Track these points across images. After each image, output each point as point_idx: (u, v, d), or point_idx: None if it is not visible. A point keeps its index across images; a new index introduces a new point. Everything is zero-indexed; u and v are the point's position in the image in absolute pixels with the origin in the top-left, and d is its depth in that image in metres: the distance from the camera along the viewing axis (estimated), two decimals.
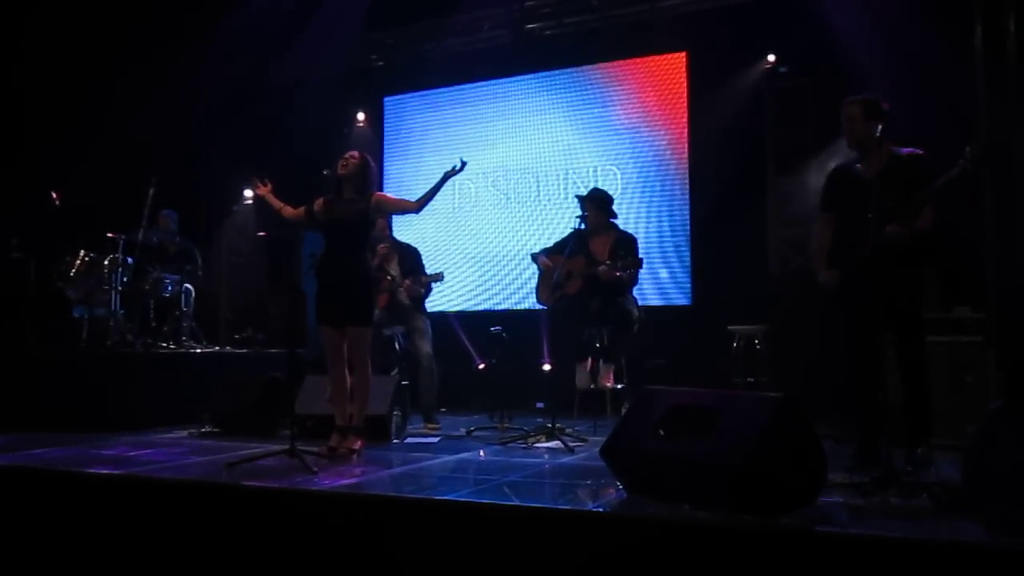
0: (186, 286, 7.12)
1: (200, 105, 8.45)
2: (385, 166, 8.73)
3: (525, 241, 7.88)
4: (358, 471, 4.04)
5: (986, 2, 5.22)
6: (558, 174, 8.01)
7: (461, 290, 8.24)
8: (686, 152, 7.50)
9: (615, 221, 5.85)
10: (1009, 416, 2.93)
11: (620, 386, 5.73)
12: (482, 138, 8.30)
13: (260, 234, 8.67)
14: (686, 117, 7.52)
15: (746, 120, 7.11)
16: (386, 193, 5.07)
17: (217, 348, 7.48)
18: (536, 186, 8.11)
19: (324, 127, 8.48)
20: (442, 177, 4.62)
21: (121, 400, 5.78)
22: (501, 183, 8.25)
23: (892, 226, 3.63)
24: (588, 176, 7.80)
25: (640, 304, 5.77)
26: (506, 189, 8.24)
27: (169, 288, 7.00)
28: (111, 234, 6.67)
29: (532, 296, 7.58)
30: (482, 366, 6.76)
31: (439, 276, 5.96)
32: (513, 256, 8.03)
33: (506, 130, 8.25)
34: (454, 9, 8.12)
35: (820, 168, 6.80)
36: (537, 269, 5.90)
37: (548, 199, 8.01)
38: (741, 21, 7.16)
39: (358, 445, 4.48)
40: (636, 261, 5.33)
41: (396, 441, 5.16)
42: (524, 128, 8.18)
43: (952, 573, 2.42)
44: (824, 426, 4.01)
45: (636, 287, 5.75)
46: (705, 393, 3.37)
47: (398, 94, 8.93)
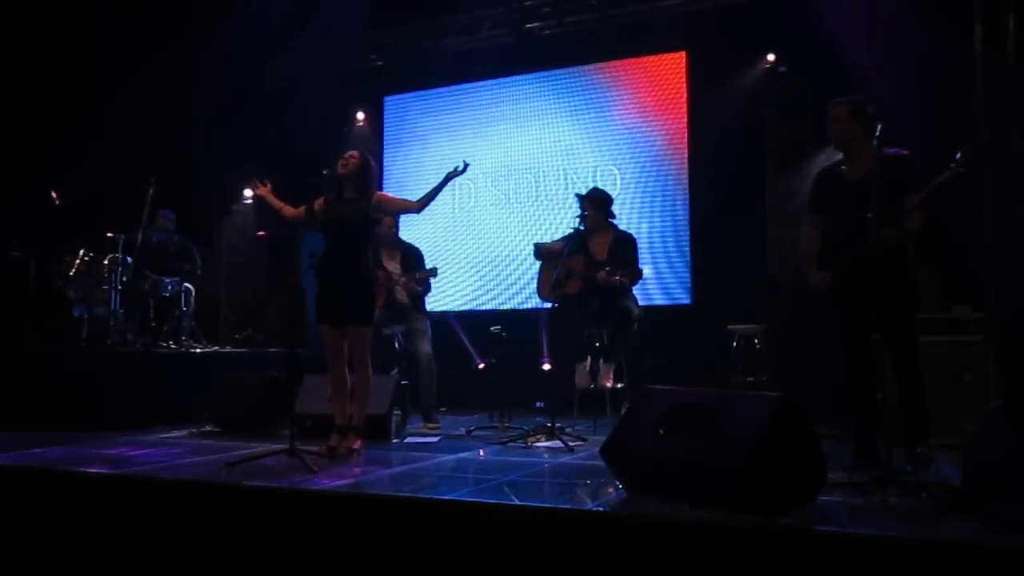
0: (186, 285, 7.11)
1: (200, 104, 8.45)
2: (385, 165, 8.73)
3: (525, 241, 7.88)
4: (358, 470, 4.04)
5: (986, 2, 5.23)
6: (558, 174, 8.01)
7: (461, 290, 8.24)
8: (686, 151, 7.50)
9: (614, 221, 5.85)
10: (1009, 415, 2.93)
11: (620, 385, 5.73)
12: (482, 138, 8.30)
13: (260, 233, 8.67)
14: (686, 116, 7.53)
15: (746, 119, 7.12)
16: (387, 193, 5.07)
17: (217, 348, 7.48)
18: (535, 186, 8.11)
19: (324, 126, 8.48)
20: (444, 178, 4.62)
21: (121, 399, 5.79)
22: (501, 183, 8.26)
23: (885, 229, 3.63)
24: (588, 176, 7.80)
25: (640, 303, 5.77)
26: (506, 189, 8.24)
27: (169, 287, 7.00)
28: (111, 233, 6.67)
29: (532, 296, 7.61)
30: (482, 365, 6.77)
31: (432, 272, 5.96)
32: (513, 256, 8.03)
33: (506, 130, 8.25)
34: (454, 9, 8.13)
35: (819, 167, 6.80)
36: (539, 263, 5.89)
37: (548, 199, 8.01)
38: (741, 21, 7.16)
39: (358, 444, 4.48)
40: (636, 271, 5.35)
41: (396, 441, 5.16)
42: (524, 128, 8.18)
43: (951, 573, 2.42)
44: (823, 426, 4.01)
45: (636, 287, 5.75)
46: (705, 393, 3.37)
47: (398, 93, 8.94)
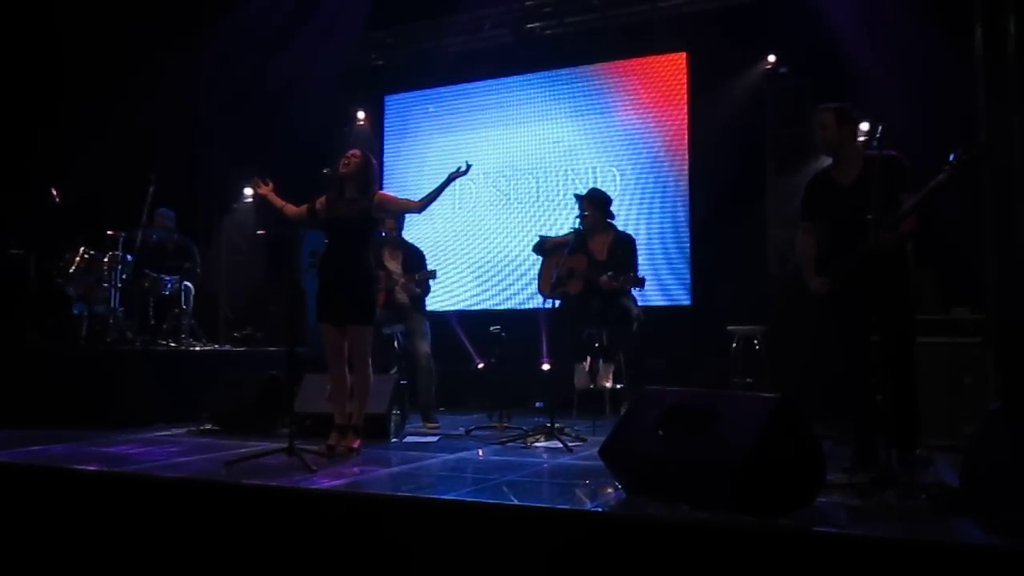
0: (185, 284, 7.12)
1: (200, 103, 8.45)
2: (385, 165, 8.73)
3: (525, 241, 7.87)
4: (356, 470, 4.04)
5: (986, 2, 5.22)
6: (558, 173, 8.01)
7: (460, 290, 8.24)
8: (686, 152, 7.50)
9: (613, 222, 5.85)
10: (1008, 417, 2.94)
11: (619, 386, 5.73)
12: (482, 137, 8.30)
13: (260, 232, 8.67)
14: (686, 117, 7.53)
15: (746, 120, 7.11)
16: (388, 192, 5.07)
17: (216, 346, 7.48)
18: (536, 185, 8.11)
19: (325, 126, 8.48)
20: (447, 179, 4.62)
21: (120, 397, 5.79)
22: (501, 183, 8.26)
23: (883, 232, 3.64)
24: (588, 176, 7.80)
25: (639, 304, 5.77)
26: (506, 189, 8.24)
27: (169, 286, 7.00)
28: (111, 231, 6.67)
29: (531, 297, 7.62)
30: (481, 365, 6.77)
31: (431, 273, 5.96)
32: (513, 256, 8.03)
33: (506, 130, 8.25)
34: (455, 8, 8.13)
35: (819, 168, 6.80)
36: (540, 260, 5.88)
37: (548, 199, 8.01)
38: (741, 21, 7.16)
39: (357, 444, 4.48)
40: (639, 280, 5.36)
41: (395, 440, 5.16)
42: (524, 128, 8.18)
43: (950, 574, 2.42)
44: (822, 427, 4.00)
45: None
46: (704, 393, 3.37)
47: (399, 93, 8.94)
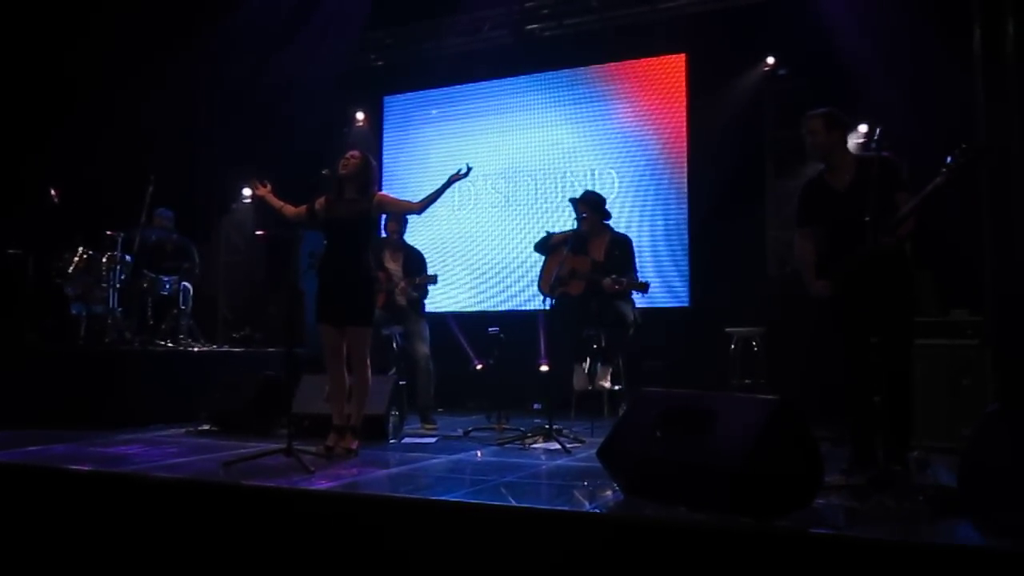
0: (184, 284, 7.11)
1: (199, 103, 8.45)
2: (384, 166, 8.73)
3: (523, 242, 7.88)
4: (355, 471, 4.04)
5: (984, 4, 5.23)
6: (557, 175, 8.01)
7: (459, 291, 8.24)
8: (685, 153, 7.51)
9: (610, 223, 5.85)
10: (1006, 419, 2.94)
11: (617, 387, 5.73)
12: (481, 139, 8.30)
13: (259, 233, 8.67)
14: (685, 119, 7.53)
15: (745, 122, 7.12)
16: (388, 193, 5.07)
17: (215, 347, 7.48)
18: (534, 187, 8.11)
19: (324, 126, 8.48)
20: (447, 181, 4.62)
21: (118, 398, 5.78)
22: (500, 184, 8.25)
23: (882, 235, 3.64)
24: (587, 177, 7.80)
25: (638, 306, 5.77)
26: (505, 190, 8.23)
27: (167, 286, 7.00)
28: (110, 231, 6.67)
29: (530, 298, 7.62)
30: (480, 366, 6.76)
31: (432, 278, 5.96)
32: (511, 257, 8.03)
33: (505, 131, 8.25)
34: (454, 9, 8.13)
35: (818, 170, 6.80)
36: (543, 257, 5.88)
37: (546, 200, 8.01)
38: (740, 23, 7.17)
39: (355, 445, 4.48)
40: (643, 284, 5.36)
41: (393, 441, 5.16)
42: (523, 129, 8.18)
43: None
44: (821, 428, 4.01)
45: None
46: (702, 395, 3.37)
47: (398, 94, 8.94)
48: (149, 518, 3.53)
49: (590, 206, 5.66)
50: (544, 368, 5.86)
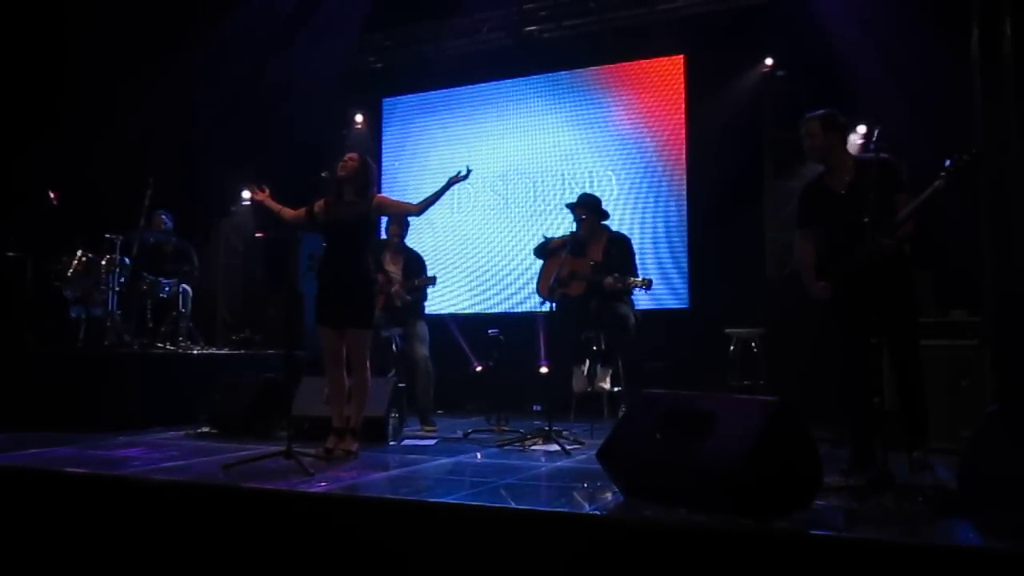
0: (183, 287, 7.11)
1: (198, 106, 8.44)
2: (384, 168, 8.73)
3: (522, 244, 7.88)
4: (354, 473, 4.04)
5: (982, 5, 5.23)
6: (555, 177, 8.01)
7: (458, 292, 8.24)
8: (684, 155, 7.51)
9: (607, 223, 5.85)
10: (1005, 419, 2.94)
11: (617, 389, 5.73)
12: (480, 140, 8.30)
13: (258, 235, 8.66)
14: (684, 120, 7.54)
15: (744, 123, 7.12)
16: (386, 195, 5.07)
17: (214, 349, 7.47)
18: (533, 189, 8.11)
19: (323, 128, 8.46)
20: (447, 183, 4.62)
21: (118, 400, 5.78)
22: (499, 186, 8.25)
23: (881, 237, 3.65)
24: (586, 179, 7.80)
25: (637, 307, 5.77)
26: (504, 192, 8.24)
27: (166, 288, 7.00)
28: (109, 234, 6.66)
29: (529, 300, 7.61)
30: (479, 368, 6.76)
31: (430, 280, 5.95)
32: (511, 259, 8.03)
33: (504, 132, 8.25)
34: (453, 11, 8.13)
35: (817, 171, 6.80)
36: (541, 261, 5.88)
37: (545, 202, 8.01)
38: (739, 24, 7.18)
39: (355, 447, 4.48)
40: (645, 281, 5.37)
41: (393, 443, 5.16)
42: (522, 130, 8.18)
43: None
44: (820, 429, 4.01)
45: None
46: (702, 396, 3.37)
47: (397, 96, 8.94)
48: (149, 521, 3.53)
49: (587, 208, 5.66)
50: (544, 370, 5.86)
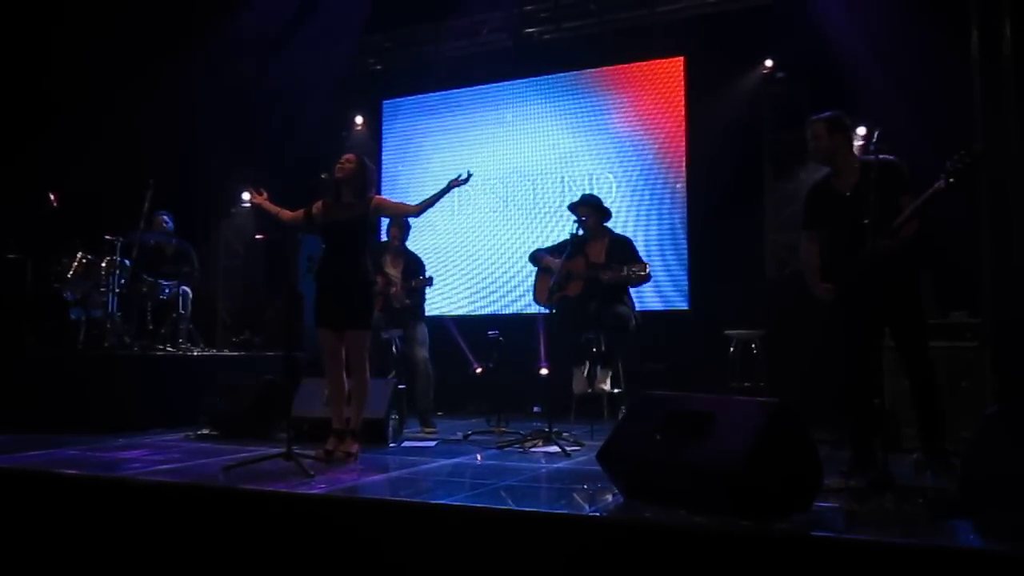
0: (183, 288, 7.11)
1: (198, 107, 8.45)
2: (383, 169, 8.73)
3: (522, 245, 7.88)
4: (354, 475, 4.04)
5: (981, 7, 5.24)
6: (555, 178, 8.01)
7: (458, 294, 8.24)
8: (684, 156, 7.51)
9: (608, 224, 5.85)
10: (1005, 421, 2.94)
11: (617, 390, 5.72)
12: (480, 142, 8.30)
13: (258, 237, 8.67)
14: (684, 121, 7.54)
15: (744, 125, 7.12)
16: (385, 197, 5.07)
17: (214, 351, 7.47)
18: (533, 190, 8.11)
19: (323, 130, 8.47)
20: (447, 185, 4.62)
21: (118, 402, 5.78)
22: (499, 187, 8.26)
23: (884, 239, 3.66)
24: (585, 180, 7.80)
25: (637, 308, 5.77)
26: (503, 193, 8.24)
27: (166, 290, 7.00)
28: (109, 236, 6.66)
29: (529, 302, 7.59)
30: (479, 370, 6.76)
31: (428, 280, 5.95)
32: (510, 260, 8.03)
33: (504, 134, 8.25)
34: (453, 13, 8.13)
35: (817, 173, 6.78)
36: (535, 268, 5.88)
37: (545, 203, 8.01)
38: (739, 26, 7.18)
39: (355, 449, 4.47)
40: (642, 266, 5.37)
41: (393, 445, 5.15)
42: (522, 132, 8.18)
43: None
44: (820, 431, 4.01)
45: (635, 289, 5.76)
46: (702, 398, 3.37)
47: (397, 97, 8.94)
48: (149, 523, 3.53)
49: (590, 207, 5.66)
50: (544, 371, 5.86)
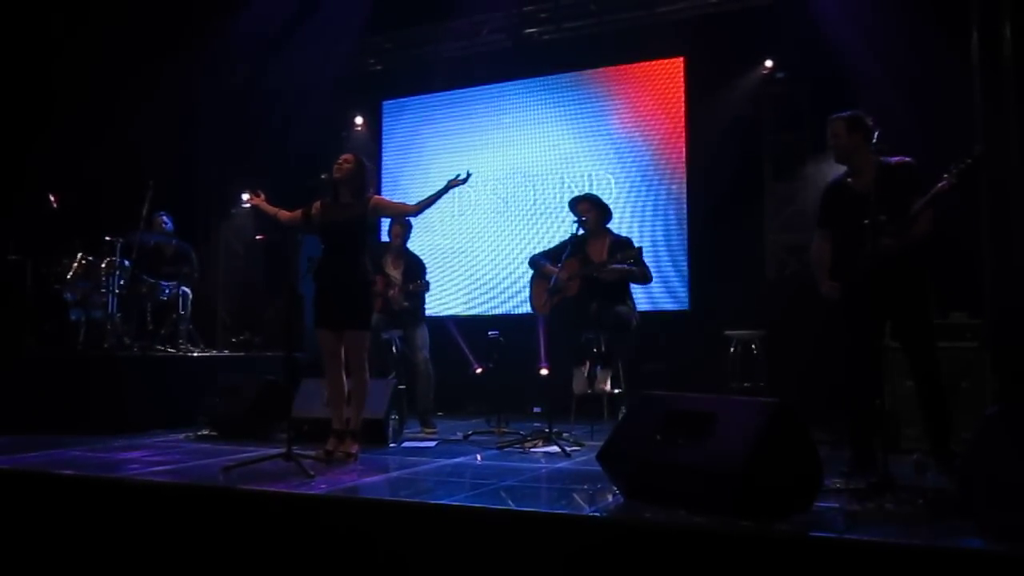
0: (183, 289, 7.11)
1: (198, 108, 8.46)
2: (383, 170, 8.73)
3: (522, 246, 7.88)
4: (355, 475, 4.03)
5: (981, 8, 5.24)
6: (555, 179, 8.01)
7: (458, 294, 8.24)
8: (683, 157, 7.51)
9: (609, 225, 5.85)
10: (1005, 421, 2.93)
11: (617, 391, 5.72)
12: (480, 142, 8.30)
13: (258, 237, 8.67)
14: (684, 122, 7.54)
15: (743, 125, 7.12)
16: (384, 197, 5.07)
17: (214, 351, 7.47)
18: (533, 190, 8.11)
19: (322, 131, 8.48)
20: (445, 185, 4.62)
21: (117, 403, 5.78)
22: (499, 188, 8.26)
23: (885, 238, 3.66)
24: (585, 181, 7.80)
25: (638, 309, 5.77)
26: (504, 194, 8.24)
27: (166, 291, 7.00)
28: (109, 237, 6.67)
29: (529, 300, 7.59)
30: (479, 370, 6.76)
31: (424, 285, 5.94)
32: (511, 260, 8.03)
33: (504, 135, 8.25)
34: (453, 14, 8.13)
35: (817, 173, 6.81)
36: (532, 273, 5.87)
37: (545, 204, 8.01)
38: (739, 27, 7.18)
39: (355, 449, 4.47)
40: (641, 261, 5.36)
41: (393, 445, 5.15)
42: (522, 133, 8.18)
43: None
44: (820, 431, 4.01)
45: (635, 289, 5.76)
46: (702, 398, 3.37)
47: (396, 98, 8.94)
48: (149, 524, 3.53)
49: (591, 203, 5.66)
50: (544, 372, 5.86)
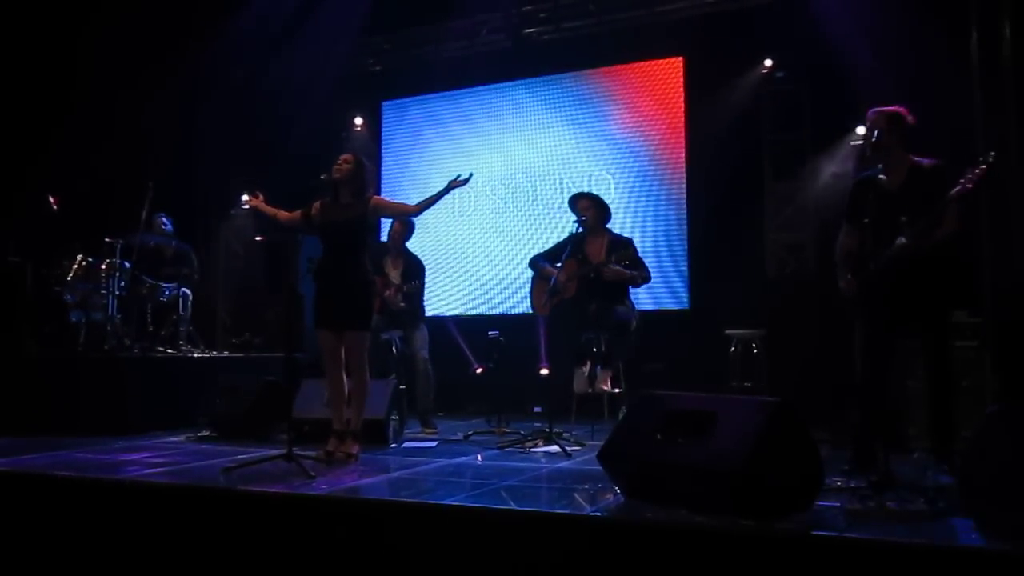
0: (183, 290, 7.11)
1: (198, 109, 8.45)
2: (383, 171, 8.73)
3: (522, 246, 7.89)
4: (355, 475, 4.04)
5: (981, 7, 5.24)
6: (555, 178, 8.01)
7: (459, 294, 8.24)
8: (683, 156, 7.51)
9: (609, 225, 5.85)
10: (1005, 421, 2.93)
11: (617, 390, 5.73)
12: (480, 143, 8.31)
13: (258, 238, 8.67)
14: (683, 122, 7.54)
15: (743, 125, 7.12)
16: (384, 197, 5.07)
17: (214, 352, 7.47)
18: (532, 191, 8.11)
19: (322, 131, 8.48)
20: (446, 186, 4.61)
21: (118, 405, 5.77)
22: (499, 188, 8.26)
23: (901, 239, 3.67)
24: (584, 180, 7.80)
25: (637, 308, 5.77)
26: (503, 194, 8.24)
27: (166, 292, 7.00)
28: (108, 238, 6.67)
29: (529, 300, 7.60)
30: (480, 370, 6.76)
31: (416, 287, 5.94)
32: (510, 261, 8.03)
33: (504, 135, 8.26)
34: (452, 14, 8.13)
35: (817, 172, 6.82)
36: (532, 274, 5.88)
37: (545, 204, 8.02)
38: (738, 26, 7.19)
39: (355, 449, 4.47)
40: (643, 265, 5.36)
41: (393, 445, 5.15)
42: (522, 133, 8.18)
43: None
44: (821, 430, 4.01)
45: (635, 290, 5.76)
46: (702, 397, 3.37)
47: (396, 99, 8.95)
48: (149, 525, 3.53)
49: (591, 200, 5.66)
50: (544, 371, 5.86)
